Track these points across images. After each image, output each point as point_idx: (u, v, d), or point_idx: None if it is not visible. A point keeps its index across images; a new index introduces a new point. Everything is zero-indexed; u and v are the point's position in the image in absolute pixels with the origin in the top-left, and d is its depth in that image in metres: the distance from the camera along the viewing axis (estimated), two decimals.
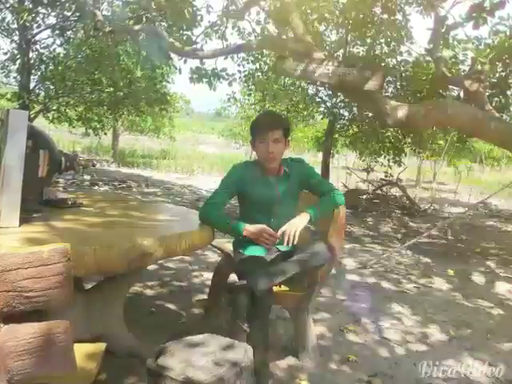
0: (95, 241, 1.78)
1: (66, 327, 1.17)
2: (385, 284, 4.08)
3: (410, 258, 5.17)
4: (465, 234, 6.91)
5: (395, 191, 9.40)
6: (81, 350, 1.47)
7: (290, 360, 2.47)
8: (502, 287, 4.23)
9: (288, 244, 2.20)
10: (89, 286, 2.48)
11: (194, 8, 6.61)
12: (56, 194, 2.38)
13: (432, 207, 9.35)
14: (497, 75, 5.95)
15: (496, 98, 6.35)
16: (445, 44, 5.32)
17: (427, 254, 5.38)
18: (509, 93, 6.34)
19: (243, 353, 1.56)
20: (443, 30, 4.77)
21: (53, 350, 1.15)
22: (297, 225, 2.21)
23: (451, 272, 4.62)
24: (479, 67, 5.19)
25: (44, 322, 1.15)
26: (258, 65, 8.71)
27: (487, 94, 5.57)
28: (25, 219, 1.94)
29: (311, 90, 9.21)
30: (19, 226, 1.89)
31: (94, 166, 2.66)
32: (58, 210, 2.27)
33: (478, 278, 4.50)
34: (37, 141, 2.06)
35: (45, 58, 8.93)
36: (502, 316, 3.48)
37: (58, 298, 1.16)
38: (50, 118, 9.69)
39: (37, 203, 2.22)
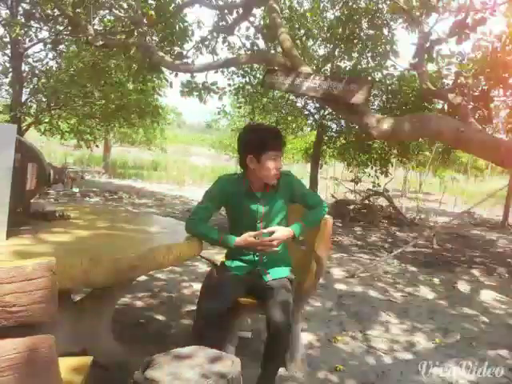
0: (83, 253, 1.76)
1: (51, 342, 1.15)
2: (372, 293, 4.08)
3: (396, 267, 5.18)
4: (450, 243, 6.94)
5: (382, 201, 9.45)
6: (67, 364, 1.44)
7: (278, 370, 2.44)
8: (486, 295, 4.25)
9: (262, 250, 2.21)
10: (78, 297, 2.45)
11: (186, 23, 6.66)
12: (44, 207, 2.36)
13: (418, 217, 9.42)
14: (480, 88, 6.02)
15: (479, 111, 6.42)
16: (429, 58, 5.38)
17: (413, 262, 5.40)
18: (492, 105, 6.42)
19: (230, 364, 1.53)
20: (427, 45, 4.81)
21: (37, 366, 1.13)
22: (279, 238, 2.18)
23: (437, 280, 4.63)
24: (463, 81, 5.25)
25: (27, 337, 1.12)
26: (247, 78, 8.74)
27: (470, 106, 5.63)
28: (12, 232, 1.91)
29: (299, 103, 9.27)
30: (6, 239, 1.86)
31: (82, 178, 2.63)
32: (46, 223, 2.24)
33: (463, 286, 4.51)
34: (25, 154, 2.04)
35: (37, 72, 8.88)
36: (486, 324, 3.49)
37: (42, 313, 1.14)
38: (42, 130, 9.62)
39: (25, 216, 2.20)
